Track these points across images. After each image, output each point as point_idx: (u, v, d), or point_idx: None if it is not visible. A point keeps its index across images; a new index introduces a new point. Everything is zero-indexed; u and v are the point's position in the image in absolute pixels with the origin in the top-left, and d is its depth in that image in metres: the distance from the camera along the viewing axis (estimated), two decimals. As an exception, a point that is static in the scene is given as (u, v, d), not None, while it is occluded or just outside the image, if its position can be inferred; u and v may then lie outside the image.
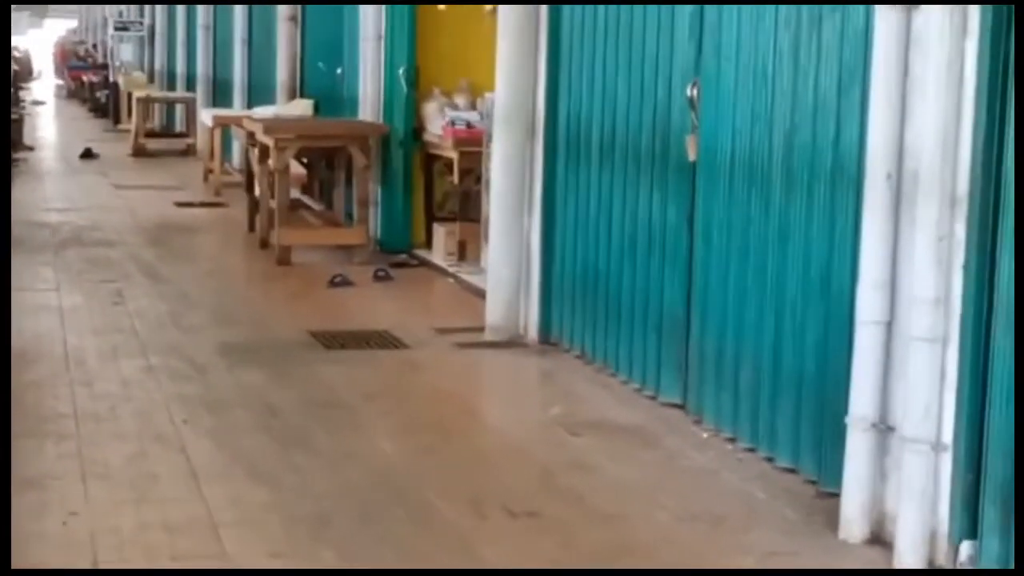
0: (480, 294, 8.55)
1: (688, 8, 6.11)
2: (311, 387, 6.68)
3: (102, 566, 4.33)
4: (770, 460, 5.47)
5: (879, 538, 4.67)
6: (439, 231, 10.43)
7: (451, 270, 9.93)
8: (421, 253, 10.65)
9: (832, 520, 4.79)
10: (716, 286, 5.94)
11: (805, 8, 5.24)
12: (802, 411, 5.26)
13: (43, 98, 37.18)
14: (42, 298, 8.75)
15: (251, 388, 6.61)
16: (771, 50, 5.47)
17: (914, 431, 4.43)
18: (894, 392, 4.64)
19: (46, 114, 31.35)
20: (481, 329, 7.92)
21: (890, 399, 4.66)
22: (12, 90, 26.33)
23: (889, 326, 4.65)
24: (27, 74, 43.32)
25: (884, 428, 4.67)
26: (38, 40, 53.75)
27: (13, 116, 22.03)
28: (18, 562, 4.31)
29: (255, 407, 6.26)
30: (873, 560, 4.56)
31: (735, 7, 5.73)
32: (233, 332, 7.95)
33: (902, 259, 4.60)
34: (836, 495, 4.85)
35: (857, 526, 4.70)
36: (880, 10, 4.63)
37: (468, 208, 10.30)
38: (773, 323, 5.47)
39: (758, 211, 5.59)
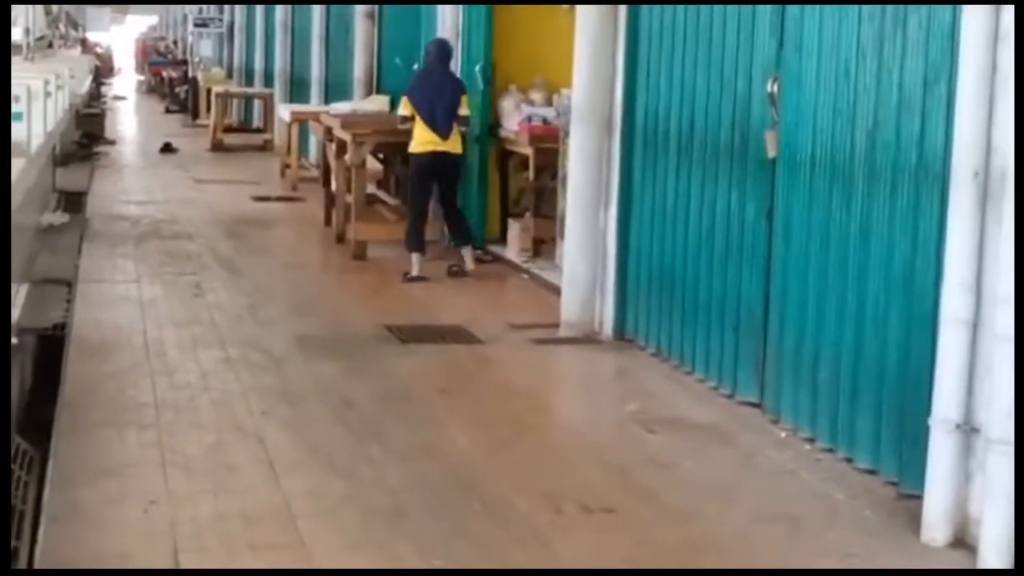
0: (554, 290, 8.54)
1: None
2: (386, 380, 6.71)
3: (181, 554, 4.37)
4: (849, 460, 5.40)
5: (962, 541, 4.59)
6: (514, 227, 10.43)
7: (525, 266, 9.92)
8: (496, 249, 10.65)
9: (914, 522, 4.72)
10: (795, 283, 5.88)
11: (889, 3, 5.16)
12: (883, 411, 5.19)
13: (124, 93, 37.75)
14: (122, 290, 8.87)
15: (327, 380, 6.65)
16: (854, 45, 5.40)
17: (999, 432, 4.34)
18: (979, 392, 4.56)
19: (126, 109, 31.81)
20: (556, 325, 7.91)
21: (975, 399, 4.58)
22: (94, 85, 26.76)
23: (974, 325, 4.57)
24: (108, 70, 44.00)
25: (968, 429, 4.59)
26: (120, 36, 54.54)
27: (95, 111, 22.42)
28: (98, 549, 4.37)
29: (331, 399, 6.30)
30: (956, 563, 4.49)
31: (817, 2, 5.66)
32: (309, 325, 8.01)
33: (988, 258, 4.52)
34: (918, 497, 4.77)
35: (940, 529, 4.63)
36: (967, 5, 4.54)
37: (543, 204, 10.29)
38: (854, 321, 5.40)
39: (839, 208, 5.52)
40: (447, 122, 9.57)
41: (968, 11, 4.55)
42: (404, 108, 9.81)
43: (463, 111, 9.68)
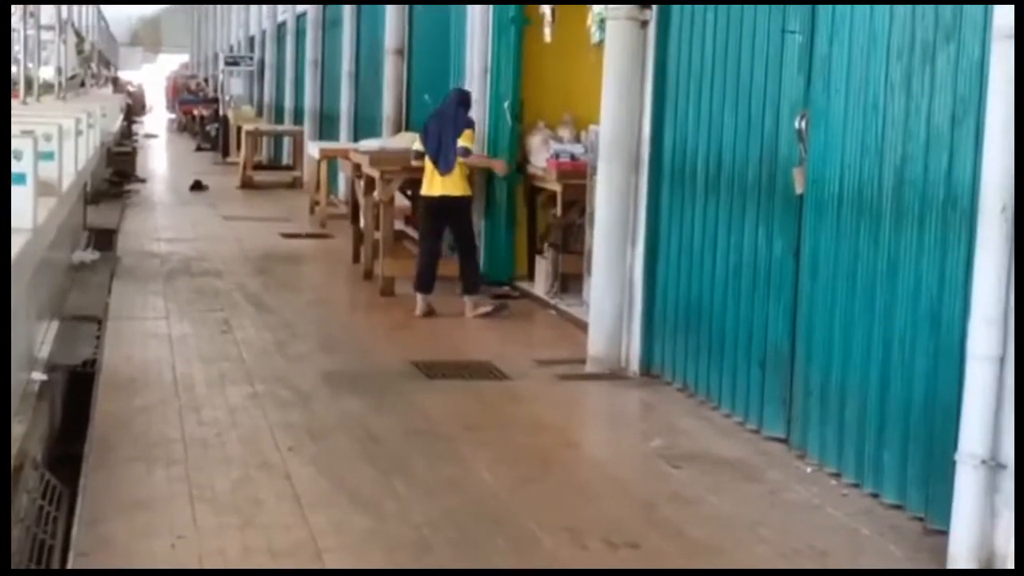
0: (581, 326, 8.55)
1: (797, 39, 6.07)
2: (413, 416, 6.73)
3: (207, 588, 4.39)
4: (875, 496, 5.38)
5: (990, 578, 4.56)
6: (541, 263, 10.44)
7: (552, 302, 9.94)
8: (523, 285, 10.68)
9: (939, 558, 4.69)
10: (822, 319, 5.87)
11: (919, 39, 5.18)
12: (909, 446, 5.17)
13: (155, 132, 38.10)
14: (152, 326, 8.93)
15: (354, 416, 6.66)
16: (882, 81, 5.42)
17: (1027, 469, 4.32)
18: (1006, 428, 4.53)
19: (157, 147, 32.09)
20: (582, 361, 7.92)
21: (1001, 435, 4.55)
22: (126, 123, 26.99)
23: (1002, 361, 4.55)
24: (140, 108, 44.40)
25: (995, 465, 4.56)
26: (151, 75, 55.10)
27: (126, 149, 22.63)
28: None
29: (357, 435, 6.31)
30: (984, 601, 4.46)
31: (846, 39, 5.68)
32: (336, 361, 8.04)
33: (1015, 293, 4.50)
34: (944, 533, 4.75)
35: (965, 565, 4.59)
36: (996, 41, 4.55)
37: (571, 240, 10.31)
38: (880, 357, 5.39)
39: (867, 244, 5.52)
40: (448, 159, 9.62)
41: (996, 47, 4.56)
42: (417, 144, 10.01)
43: (462, 142, 9.61)
